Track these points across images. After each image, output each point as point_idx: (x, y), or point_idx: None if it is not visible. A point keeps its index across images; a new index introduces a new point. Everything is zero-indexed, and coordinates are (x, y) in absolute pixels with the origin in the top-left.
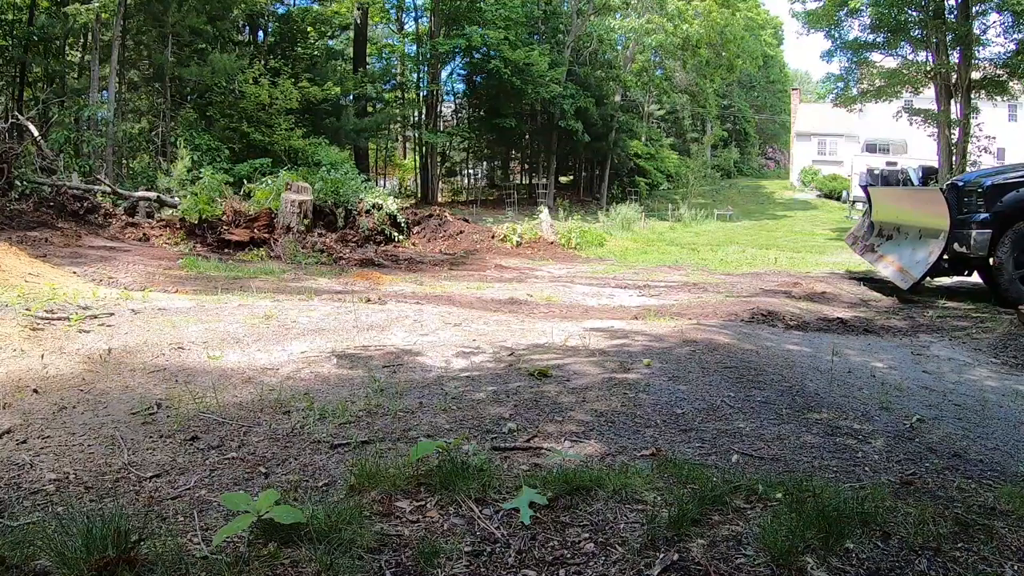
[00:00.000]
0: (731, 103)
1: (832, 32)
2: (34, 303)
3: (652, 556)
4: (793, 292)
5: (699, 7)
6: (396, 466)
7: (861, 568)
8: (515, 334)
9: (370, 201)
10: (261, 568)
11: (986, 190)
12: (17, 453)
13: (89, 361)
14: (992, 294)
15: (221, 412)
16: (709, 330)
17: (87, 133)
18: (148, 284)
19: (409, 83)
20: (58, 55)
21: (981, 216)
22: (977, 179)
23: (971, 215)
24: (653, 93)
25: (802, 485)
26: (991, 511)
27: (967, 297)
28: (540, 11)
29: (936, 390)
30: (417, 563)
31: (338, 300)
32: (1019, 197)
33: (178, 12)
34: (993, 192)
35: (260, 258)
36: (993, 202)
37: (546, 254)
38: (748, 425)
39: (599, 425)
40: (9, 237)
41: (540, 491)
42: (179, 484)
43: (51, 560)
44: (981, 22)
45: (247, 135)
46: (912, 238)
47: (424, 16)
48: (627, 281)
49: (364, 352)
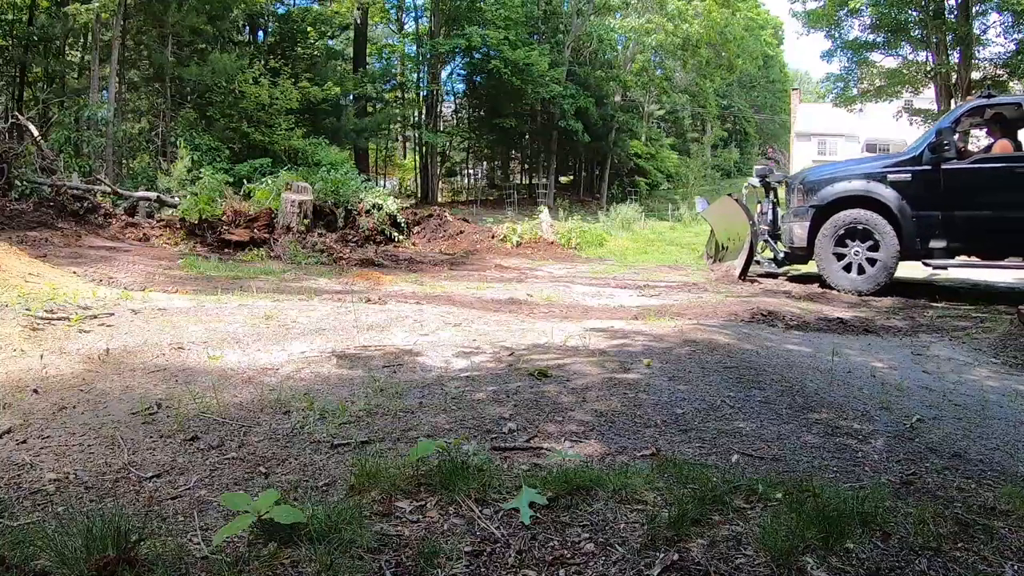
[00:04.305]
0: (731, 103)
1: (832, 32)
2: (34, 303)
3: (652, 556)
4: (793, 292)
5: (699, 7)
6: (396, 466)
7: (861, 568)
8: (515, 334)
9: (370, 201)
10: (261, 568)
11: (805, 185)
12: (17, 453)
13: (89, 361)
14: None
15: (221, 412)
16: (709, 330)
17: (87, 133)
18: (148, 284)
19: (409, 83)
20: (58, 55)
21: (801, 210)
22: (799, 175)
23: (794, 210)
24: (653, 93)
25: (802, 485)
26: (991, 511)
27: (967, 297)
28: (540, 11)
29: (936, 390)
30: (417, 563)
31: (338, 300)
32: (834, 191)
33: (178, 12)
34: (810, 188)
35: (260, 258)
36: (811, 196)
37: (546, 254)
38: (748, 425)
39: (599, 425)
40: (9, 237)
41: (540, 491)
42: (179, 484)
43: (51, 560)
44: (981, 22)
45: (247, 135)
46: (734, 243)
47: (424, 16)
48: (627, 281)
49: (364, 352)
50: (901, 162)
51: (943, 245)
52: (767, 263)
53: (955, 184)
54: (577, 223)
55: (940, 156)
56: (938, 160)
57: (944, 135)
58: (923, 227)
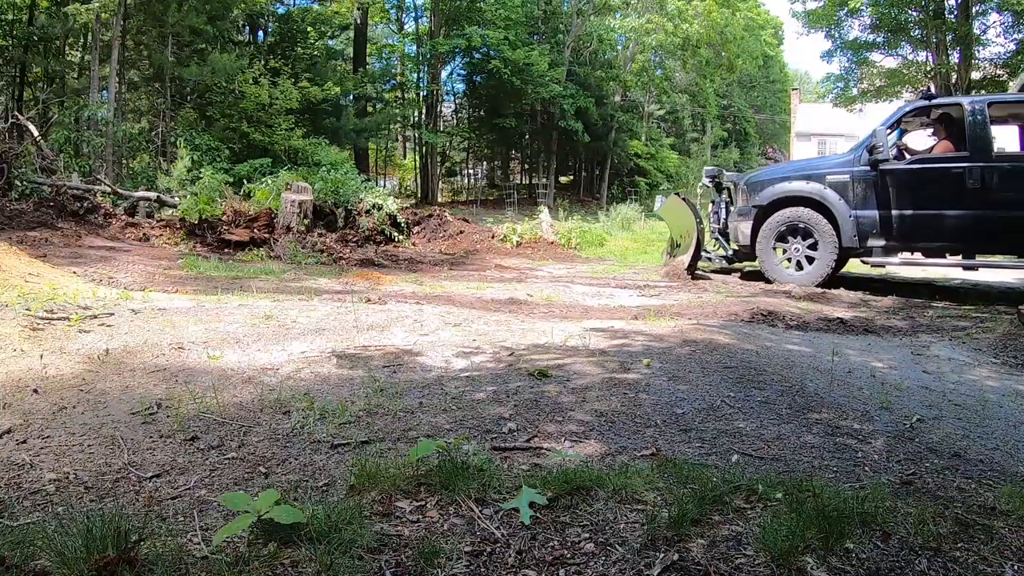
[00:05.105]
0: (731, 103)
1: (832, 32)
2: (34, 303)
3: (652, 556)
4: (793, 292)
5: (699, 7)
6: (396, 466)
7: (861, 568)
8: (515, 334)
9: (370, 201)
10: (261, 568)
11: (749, 185)
12: (17, 453)
13: (89, 361)
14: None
15: (221, 412)
16: (709, 330)
17: (87, 133)
18: (148, 284)
19: (409, 83)
20: (58, 55)
21: (745, 209)
22: (744, 176)
23: (739, 209)
24: (653, 93)
25: (802, 485)
26: (991, 511)
27: (967, 297)
28: (540, 11)
29: (936, 390)
30: (417, 563)
31: (338, 300)
32: (775, 191)
33: (178, 12)
34: (753, 188)
35: (260, 258)
36: (754, 196)
37: (546, 254)
38: (748, 425)
39: (599, 425)
40: (9, 237)
41: (540, 491)
42: (179, 484)
43: (51, 560)
44: (981, 22)
45: (247, 135)
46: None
47: (424, 16)
48: (627, 281)
49: (364, 352)
50: (840, 163)
51: (882, 243)
52: (718, 259)
53: (892, 184)
54: (577, 223)
55: (876, 157)
56: (876, 161)
57: (879, 136)
58: (861, 226)
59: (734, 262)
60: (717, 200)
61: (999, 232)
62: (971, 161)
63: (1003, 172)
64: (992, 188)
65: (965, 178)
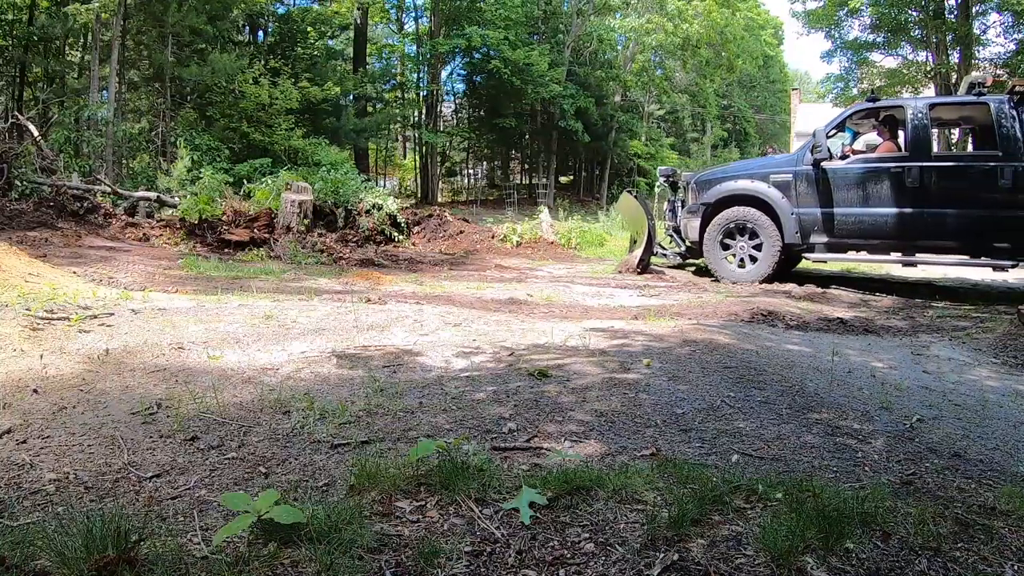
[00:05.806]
0: (731, 103)
1: (832, 32)
2: (34, 303)
3: (652, 556)
4: (793, 292)
5: (699, 7)
6: (396, 466)
7: (861, 568)
8: (515, 334)
9: (370, 201)
10: (261, 568)
11: (698, 185)
12: (17, 453)
13: (89, 361)
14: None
15: (221, 412)
16: (709, 330)
17: (87, 133)
18: (148, 284)
19: (409, 83)
20: (58, 55)
21: (694, 207)
22: (693, 175)
23: (689, 207)
24: (653, 93)
25: (802, 485)
26: (991, 511)
27: (967, 297)
28: (540, 11)
29: (936, 390)
30: (417, 563)
31: (338, 300)
32: (720, 190)
33: (178, 12)
34: (701, 186)
35: (260, 258)
36: (702, 195)
37: (546, 254)
38: (748, 425)
39: (599, 425)
40: (9, 237)
41: (540, 491)
42: (179, 484)
43: (51, 560)
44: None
45: (247, 135)
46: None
47: (424, 16)
48: (627, 281)
49: (364, 352)
50: (784, 163)
51: (824, 240)
52: (673, 255)
53: (833, 183)
54: (577, 223)
55: (817, 156)
56: (817, 160)
57: (818, 136)
58: (803, 223)
59: (688, 258)
60: (672, 198)
61: (938, 230)
62: (910, 161)
63: (941, 172)
64: (930, 187)
65: (904, 177)
